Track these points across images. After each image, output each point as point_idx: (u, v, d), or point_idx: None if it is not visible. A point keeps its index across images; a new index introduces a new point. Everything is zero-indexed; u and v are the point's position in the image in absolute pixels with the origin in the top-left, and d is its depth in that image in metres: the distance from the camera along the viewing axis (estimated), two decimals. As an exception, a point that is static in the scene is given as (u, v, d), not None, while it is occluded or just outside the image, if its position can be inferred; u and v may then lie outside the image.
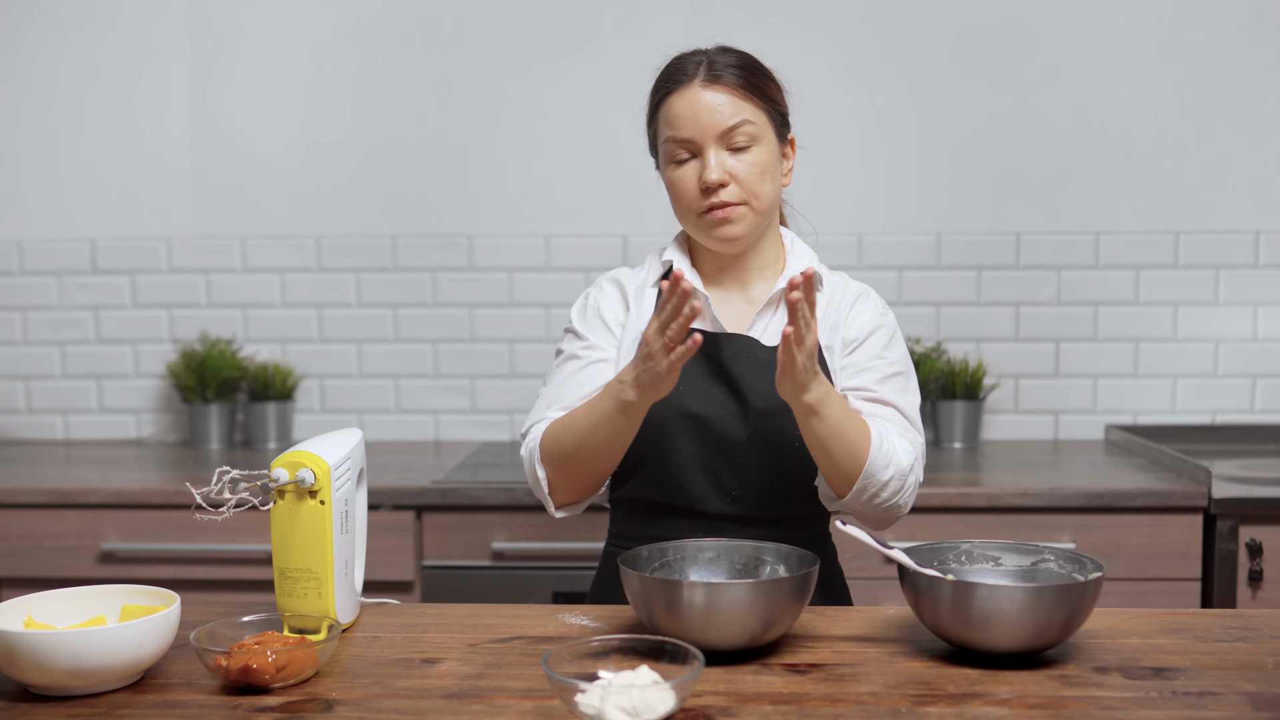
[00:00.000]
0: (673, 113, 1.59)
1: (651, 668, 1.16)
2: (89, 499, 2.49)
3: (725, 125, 1.57)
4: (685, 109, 1.58)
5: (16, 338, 3.12)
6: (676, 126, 1.59)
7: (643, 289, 1.69)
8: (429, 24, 3.01)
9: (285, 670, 1.24)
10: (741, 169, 1.57)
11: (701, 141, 1.57)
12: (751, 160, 1.58)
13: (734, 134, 1.57)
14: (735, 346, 1.61)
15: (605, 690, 1.11)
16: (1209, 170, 2.95)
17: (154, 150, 3.08)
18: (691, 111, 1.57)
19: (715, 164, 1.56)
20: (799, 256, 1.69)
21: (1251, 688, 1.23)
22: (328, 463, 1.40)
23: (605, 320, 1.68)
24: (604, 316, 1.68)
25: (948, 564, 1.44)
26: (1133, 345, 2.99)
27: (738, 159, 1.57)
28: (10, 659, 1.20)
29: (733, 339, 1.61)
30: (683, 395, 1.60)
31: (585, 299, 1.72)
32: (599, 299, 1.70)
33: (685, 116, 1.58)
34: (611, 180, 3.00)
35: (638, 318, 1.66)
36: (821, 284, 1.68)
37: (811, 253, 1.70)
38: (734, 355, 1.60)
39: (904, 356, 1.68)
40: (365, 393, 3.09)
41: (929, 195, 2.99)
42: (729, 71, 1.58)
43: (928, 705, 1.19)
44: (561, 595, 2.42)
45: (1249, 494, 2.32)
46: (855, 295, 1.69)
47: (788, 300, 1.36)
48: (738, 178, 1.57)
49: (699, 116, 1.57)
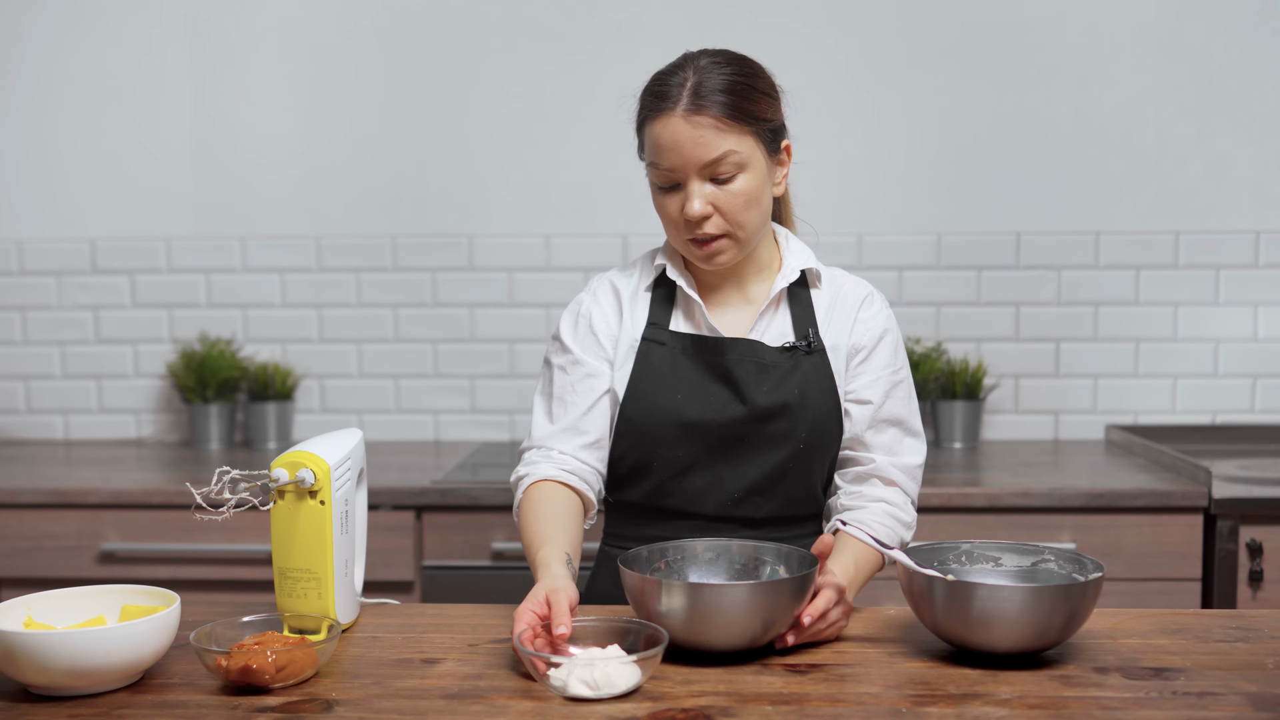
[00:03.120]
0: (655, 140, 1.55)
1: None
2: (89, 499, 2.49)
3: (708, 158, 1.52)
4: (668, 139, 1.53)
5: (16, 338, 3.12)
6: (658, 155, 1.55)
7: (636, 294, 1.67)
8: (428, 24, 3.01)
9: (285, 670, 1.24)
10: (725, 200, 1.53)
11: (684, 173, 1.53)
12: (736, 190, 1.53)
13: (717, 166, 1.52)
14: (739, 351, 1.60)
15: (570, 664, 1.19)
16: (1209, 170, 2.95)
17: (154, 150, 3.08)
18: (673, 142, 1.52)
19: (698, 196, 1.53)
20: (795, 254, 1.67)
21: (1252, 688, 1.23)
22: (328, 463, 1.40)
23: (597, 333, 1.65)
24: (595, 330, 1.65)
25: (948, 564, 1.44)
26: (1133, 345, 2.99)
27: (722, 189, 1.53)
28: (10, 659, 1.20)
29: (736, 343, 1.61)
30: (681, 404, 1.59)
31: (578, 309, 1.69)
32: (592, 309, 1.67)
33: (667, 147, 1.53)
34: (611, 180, 3.00)
35: (631, 325, 1.65)
36: (820, 281, 1.68)
37: (807, 249, 1.69)
38: (738, 360, 1.60)
39: (905, 358, 1.70)
40: (365, 393, 3.09)
41: (929, 195, 2.99)
42: (714, 98, 1.51)
43: (928, 705, 1.19)
44: (561, 595, 2.42)
45: (1249, 494, 2.32)
46: (861, 297, 1.68)
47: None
48: (721, 209, 1.54)
49: (681, 148, 1.52)
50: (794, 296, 1.66)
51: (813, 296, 1.67)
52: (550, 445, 1.62)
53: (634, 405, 1.61)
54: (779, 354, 1.60)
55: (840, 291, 1.68)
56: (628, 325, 1.65)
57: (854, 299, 1.67)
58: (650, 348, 1.62)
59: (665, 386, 1.60)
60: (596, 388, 1.63)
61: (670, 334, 1.63)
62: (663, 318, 1.64)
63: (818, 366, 1.62)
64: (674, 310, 1.65)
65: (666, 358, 1.61)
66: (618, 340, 1.65)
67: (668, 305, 1.66)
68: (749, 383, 1.59)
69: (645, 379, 1.61)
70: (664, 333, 1.63)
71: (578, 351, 1.65)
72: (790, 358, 1.61)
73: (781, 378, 1.59)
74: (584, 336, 1.66)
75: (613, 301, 1.68)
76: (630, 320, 1.65)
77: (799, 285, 1.67)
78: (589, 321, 1.66)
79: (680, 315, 1.65)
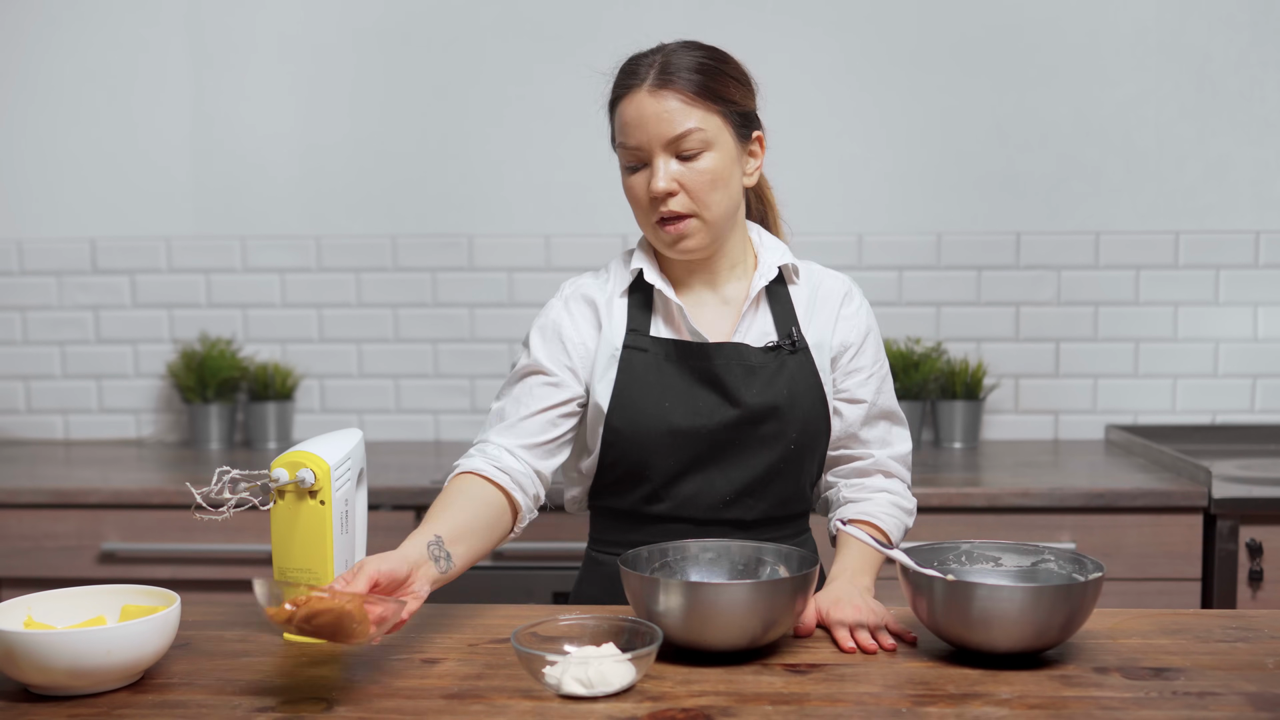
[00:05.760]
0: (622, 119, 1.56)
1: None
2: (89, 499, 2.49)
3: (673, 133, 1.52)
4: (633, 115, 1.54)
5: (16, 338, 3.12)
6: (625, 133, 1.56)
7: (611, 301, 1.64)
8: (428, 25, 3.01)
9: (383, 625, 1.19)
10: (690, 177, 1.53)
11: (649, 149, 1.54)
12: (701, 168, 1.53)
13: (682, 142, 1.52)
14: (726, 355, 1.59)
15: (565, 662, 1.19)
16: (1209, 170, 2.95)
17: (154, 150, 3.08)
18: (639, 118, 1.53)
19: (663, 173, 1.53)
20: (770, 250, 1.65)
21: (1252, 688, 1.23)
22: (328, 463, 1.41)
23: (566, 344, 1.61)
24: (565, 340, 1.62)
25: (948, 564, 1.44)
26: (1133, 345, 2.99)
27: (687, 167, 1.53)
28: (10, 659, 1.20)
29: (722, 347, 1.59)
30: (669, 411, 1.57)
31: (546, 317, 1.65)
32: (561, 319, 1.63)
33: (633, 123, 1.54)
34: (611, 180, 2.95)
35: (610, 333, 1.61)
36: (797, 276, 1.66)
37: (781, 245, 1.67)
38: (725, 364, 1.58)
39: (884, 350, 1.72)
40: (365, 393, 3.09)
41: (929, 195, 2.99)
42: (681, 76, 1.52)
43: (928, 705, 1.19)
44: (561, 595, 2.42)
45: (1249, 494, 2.32)
46: (842, 294, 1.67)
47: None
48: (686, 186, 1.54)
49: (646, 124, 1.53)
50: (772, 294, 1.64)
51: (791, 293, 1.65)
52: (491, 440, 1.58)
53: (620, 415, 1.58)
54: (764, 354, 1.59)
55: (820, 287, 1.67)
56: (606, 334, 1.61)
57: (835, 296, 1.66)
58: (633, 355, 1.60)
59: (651, 394, 1.58)
60: (555, 395, 1.59)
61: (652, 340, 1.60)
62: (642, 324, 1.62)
63: (803, 365, 1.61)
64: (653, 315, 1.63)
65: (650, 365, 1.59)
66: (594, 352, 1.61)
67: (646, 311, 1.63)
68: (738, 385, 1.58)
69: (630, 388, 1.58)
70: (645, 339, 1.60)
71: (542, 359, 1.61)
72: (775, 358, 1.59)
73: (769, 378, 1.58)
74: (552, 345, 1.62)
75: (586, 312, 1.64)
76: (609, 328, 1.62)
77: (776, 282, 1.65)
78: (558, 331, 1.63)
79: (660, 320, 1.62)
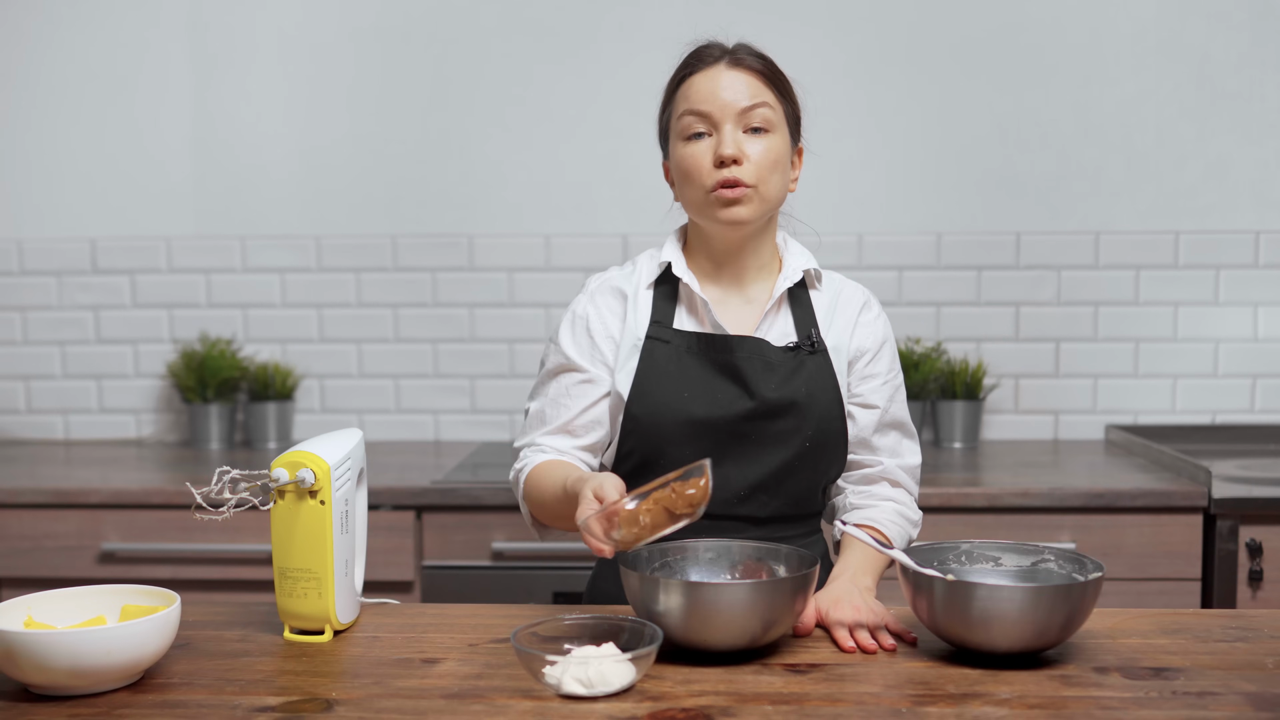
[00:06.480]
0: (693, 89, 1.60)
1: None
2: (89, 499, 2.49)
3: (745, 104, 1.57)
4: (707, 85, 1.59)
5: (16, 338, 3.12)
6: (695, 100, 1.59)
7: (638, 292, 1.66)
8: (428, 24, 3.01)
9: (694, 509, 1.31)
10: (756, 152, 1.57)
11: (720, 117, 1.58)
12: (765, 146, 1.58)
13: (752, 114, 1.57)
14: (747, 348, 1.61)
15: (565, 662, 1.19)
16: (1209, 170, 2.95)
17: (154, 150, 3.08)
18: (713, 87, 1.58)
19: (731, 139, 1.57)
20: (796, 255, 1.69)
21: (1251, 688, 1.23)
22: (328, 463, 1.41)
23: (595, 338, 1.65)
24: (594, 334, 1.65)
25: (948, 564, 1.44)
26: (1133, 345, 2.99)
27: (752, 142, 1.58)
28: (10, 659, 1.20)
29: (744, 341, 1.61)
30: (688, 402, 1.59)
31: (573, 314, 1.68)
32: (589, 313, 1.67)
33: (706, 91, 1.59)
34: (611, 180, 3.00)
35: (634, 323, 1.64)
36: (819, 283, 1.69)
37: (806, 251, 1.70)
38: (747, 357, 1.60)
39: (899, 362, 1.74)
40: (365, 393, 3.09)
41: (929, 195, 2.99)
42: (754, 60, 1.61)
43: (928, 705, 1.19)
44: (561, 595, 2.42)
45: (1249, 494, 2.32)
46: (861, 302, 1.70)
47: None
48: (751, 159, 1.58)
49: (720, 92, 1.58)
50: (794, 298, 1.67)
51: (812, 298, 1.68)
52: (544, 444, 1.63)
53: (640, 404, 1.60)
54: (784, 353, 1.62)
55: (840, 294, 1.70)
56: (630, 324, 1.64)
57: (854, 303, 1.70)
58: (655, 346, 1.62)
59: (671, 384, 1.60)
60: (592, 393, 1.63)
61: (675, 332, 1.63)
62: (666, 315, 1.64)
63: (821, 366, 1.63)
64: (677, 308, 1.66)
65: (672, 356, 1.61)
66: (619, 341, 1.64)
67: (670, 303, 1.65)
68: (757, 379, 1.59)
69: (650, 377, 1.61)
70: (668, 330, 1.63)
71: (574, 357, 1.64)
72: (795, 357, 1.62)
73: (788, 375, 1.60)
74: (581, 341, 1.65)
75: (613, 302, 1.67)
76: (633, 319, 1.65)
77: (798, 287, 1.68)
78: (586, 325, 1.66)
79: (684, 312, 1.65)
